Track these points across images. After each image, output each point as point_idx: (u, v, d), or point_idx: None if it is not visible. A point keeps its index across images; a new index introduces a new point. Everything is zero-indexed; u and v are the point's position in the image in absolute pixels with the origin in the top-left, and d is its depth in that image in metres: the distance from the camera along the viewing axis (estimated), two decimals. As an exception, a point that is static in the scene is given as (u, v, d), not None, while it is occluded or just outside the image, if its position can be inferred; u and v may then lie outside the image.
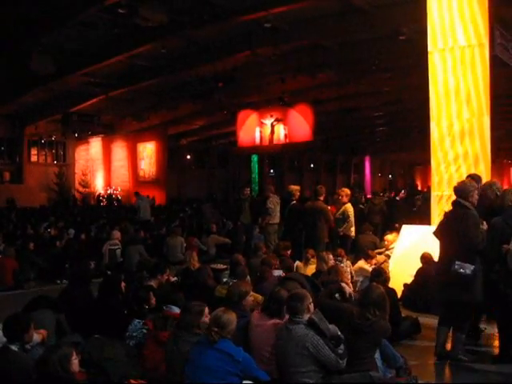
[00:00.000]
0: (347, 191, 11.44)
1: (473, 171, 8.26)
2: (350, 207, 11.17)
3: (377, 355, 5.27)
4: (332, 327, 4.98)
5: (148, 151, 30.12)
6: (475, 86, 8.73)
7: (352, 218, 11.14)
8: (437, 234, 6.39)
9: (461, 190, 6.08)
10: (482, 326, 7.05)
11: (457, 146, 8.72)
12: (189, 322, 4.99)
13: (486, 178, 8.10)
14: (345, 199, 11.17)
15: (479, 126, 8.66)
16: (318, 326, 4.80)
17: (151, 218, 19.44)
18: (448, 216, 6.23)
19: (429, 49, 9.16)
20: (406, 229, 9.70)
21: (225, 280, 7.32)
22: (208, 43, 16.70)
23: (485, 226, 6.02)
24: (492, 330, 6.95)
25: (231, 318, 4.71)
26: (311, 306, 4.97)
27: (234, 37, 16.35)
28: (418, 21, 9.97)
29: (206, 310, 5.06)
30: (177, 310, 5.67)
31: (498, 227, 5.88)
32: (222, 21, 14.62)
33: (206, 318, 4.98)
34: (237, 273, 7.08)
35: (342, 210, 11.11)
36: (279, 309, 5.27)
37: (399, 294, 8.31)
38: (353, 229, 11.16)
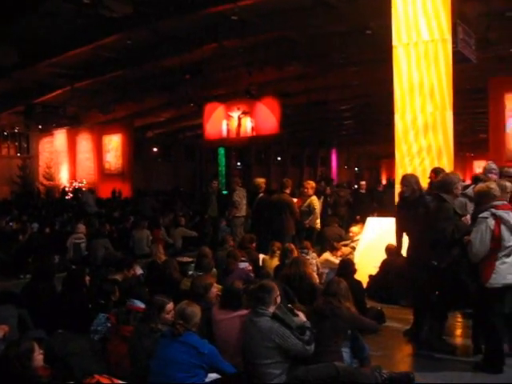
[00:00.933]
0: (312, 184, 11.54)
1: (436, 164, 8.42)
2: (315, 199, 11.26)
3: (345, 348, 5.38)
4: (296, 319, 5.04)
5: (114, 144, 29.75)
6: (438, 80, 8.88)
7: (318, 211, 11.25)
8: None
9: (443, 184, 6.22)
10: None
11: (420, 139, 8.86)
12: (150, 316, 5.00)
13: (448, 170, 8.23)
14: (310, 192, 11.25)
15: (442, 119, 8.82)
16: (282, 319, 4.84)
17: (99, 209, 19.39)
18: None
19: (393, 43, 9.28)
20: (371, 221, 9.83)
21: (190, 273, 7.31)
22: (175, 35, 16.55)
23: (468, 219, 6.21)
24: (452, 320, 7.08)
25: (195, 310, 4.72)
26: (278, 299, 5.01)
27: (201, 29, 16.22)
28: (383, 16, 10.05)
29: (169, 306, 5.06)
30: (140, 304, 5.65)
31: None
32: (188, 12, 14.50)
33: (169, 315, 4.99)
34: (202, 265, 7.08)
35: (307, 202, 11.19)
36: (237, 301, 5.33)
37: (364, 285, 8.44)
38: (318, 221, 11.27)
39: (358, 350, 5.57)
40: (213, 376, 4.71)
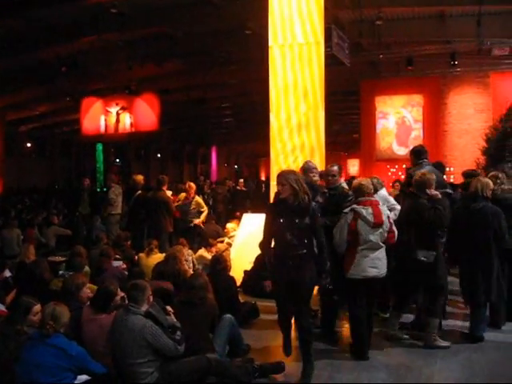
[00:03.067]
0: (193, 185, 11.74)
1: (309, 162, 8.70)
2: (200, 199, 11.47)
3: (221, 341, 5.53)
4: (169, 318, 5.06)
5: (-17, 138, 28.18)
6: (312, 81, 9.18)
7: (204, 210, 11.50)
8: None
9: (419, 184, 6.30)
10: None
11: (294, 137, 9.13)
12: (15, 318, 4.80)
13: (320, 168, 8.54)
14: (193, 193, 11.45)
15: (315, 119, 9.13)
16: (155, 317, 4.84)
17: None
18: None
19: (269, 44, 9.47)
20: (246, 217, 10.02)
21: (61, 272, 7.08)
22: (51, 25, 15.88)
23: None
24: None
25: (64, 311, 4.61)
26: (151, 298, 5.00)
27: (80, 20, 15.70)
28: (262, 16, 10.23)
29: (36, 307, 4.88)
30: (0, 307, 5.39)
31: None
32: (65, 2, 14.03)
33: (35, 317, 4.82)
34: (74, 265, 6.90)
35: (194, 203, 11.33)
36: (105, 303, 5.26)
37: (240, 281, 8.59)
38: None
39: (235, 344, 5.73)
40: (83, 378, 4.60)
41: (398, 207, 7.49)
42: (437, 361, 5.85)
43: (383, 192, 7.68)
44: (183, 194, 11.97)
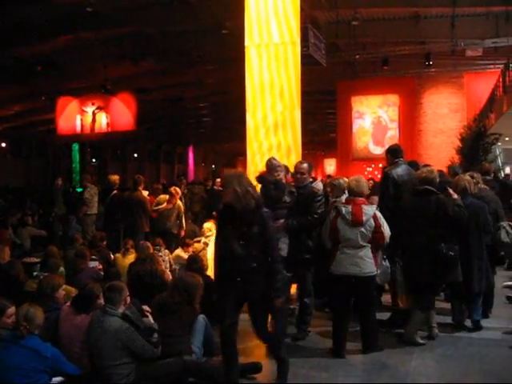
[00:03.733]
0: (179, 190, 11.59)
1: (285, 162, 8.71)
2: (181, 204, 11.38)
3: (197, 342, 5.49)
4: (146, 320, 5.04)
5: (-44, 138, 27.82)
6: (288, 81, 9.19)
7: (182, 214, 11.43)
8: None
9: (429, 180, 6.28)
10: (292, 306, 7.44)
11: (271, 137, 9.12)
12: None
13: (296, 167, 8.57)
14: (177, 199, 11.32)
15: (291, 118, 9.14)
16: (132, 319, 4.82)
17: None
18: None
19: (246, 43, 9.47)
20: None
21: (35, 274, 7.02)
22: (26, 23, 15.71)
23: None
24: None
25: (38, 312, 4.57)
26: (128, 299, 4.98)
27: (56, 19, 15.57)
28: (239, 16, 10.24)
29: (11, 310, 4.82)
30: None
31: None
32: (41, 0, 13.92)
33: (9, 319, 4.77)
34: (48, 265, 6.84)
35: (176, 210, 11.16)
36: (88, 304, 5.20)
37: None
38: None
39: (209, 344, 5.71)
40: (57, 379, 4.57)
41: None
42: (412, 358, 5.89)
43: None
44: (163, 197, 11.56)
